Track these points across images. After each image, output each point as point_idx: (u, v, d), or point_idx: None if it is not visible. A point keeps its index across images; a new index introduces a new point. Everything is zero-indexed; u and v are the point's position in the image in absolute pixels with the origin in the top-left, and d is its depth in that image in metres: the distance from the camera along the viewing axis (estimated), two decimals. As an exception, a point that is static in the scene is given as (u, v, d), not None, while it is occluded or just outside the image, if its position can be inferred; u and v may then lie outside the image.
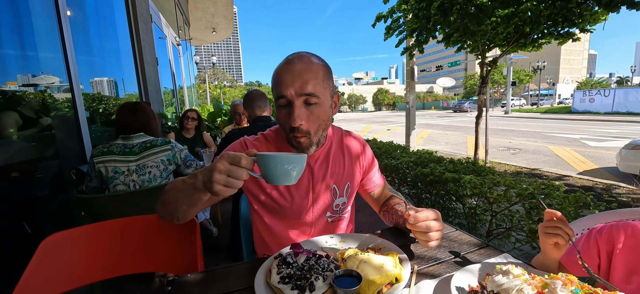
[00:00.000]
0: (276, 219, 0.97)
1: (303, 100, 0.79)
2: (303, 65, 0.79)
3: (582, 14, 5.53)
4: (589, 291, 0.46)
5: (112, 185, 1.55)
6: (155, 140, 1.65)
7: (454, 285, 0.57)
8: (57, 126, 1.97)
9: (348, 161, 1.02)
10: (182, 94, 7.13)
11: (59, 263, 0.90)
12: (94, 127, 2.57)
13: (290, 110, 0.79)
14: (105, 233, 0.99)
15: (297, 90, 0.78)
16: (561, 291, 0.47)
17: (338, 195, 0.99)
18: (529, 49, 6.81)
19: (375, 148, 4.01)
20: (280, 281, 0.59)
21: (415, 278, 0.66)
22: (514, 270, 0.51)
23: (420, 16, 6.18)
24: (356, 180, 1.04)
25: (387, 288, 0.59)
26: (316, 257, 0.64)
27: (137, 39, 3.32)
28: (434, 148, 9.16)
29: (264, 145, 0.96)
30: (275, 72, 0.82)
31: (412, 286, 0.62)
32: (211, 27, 8.92)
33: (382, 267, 0.61)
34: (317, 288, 0.57)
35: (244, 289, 0.64)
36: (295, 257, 0.64)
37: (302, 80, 0.78)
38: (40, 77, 1.93)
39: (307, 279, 0.58)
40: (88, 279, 0.93)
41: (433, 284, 0.63)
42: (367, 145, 1.10)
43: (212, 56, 24.37)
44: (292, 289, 0.56)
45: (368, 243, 0.79)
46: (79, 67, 2.13)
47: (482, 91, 6.84)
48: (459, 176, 2.41)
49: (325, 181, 0.97)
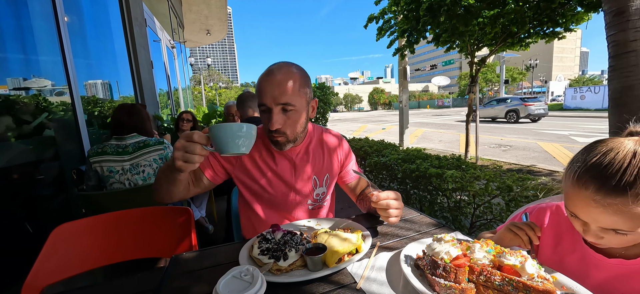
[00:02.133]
0: (262, 206, 1.09)
1: (280, 107, 0.93)
2: (281, 76, 0.92)
3: (565, 14, 5.71)
4: (500, 251, 0.58)
5: (108, 184, 1.65)
6: (148, 140, 1.73)
7: (403, 254, 0.69)
8: (58, 128, 2.07)
9: (327, 155, 1.14)
10: (177, 96, 7.20)
11: (68, 250, 1.01)
12: (91, 129, 2.66)
13: (270, 116, 0.92)
14: (108, 223, 1.10)
15: (275, 100, 0.91)
16: (479, 251, 0.59)
17: (318, 185, 1.12)
18: (517, 48, 7.00)
19: (366, 147, 4.14)
20: (260, 253, 0.71)
21: (376, 250, 0.78)
22: (446, 237, 0.63)
23: (410, 17, 6.32)
24: (334, 172, 1.16)
25: (348, 257, 0.71)
26: (291, 234, 0.76)
27: (132, 43, 3.41)
28: (427, 146, 9.33)
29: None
30: (258, 81, 0.96)
31: (372, 256, 0.75)
32: (205, 29, 8.98)
33: (346, 240, 0.73)
34: (290, 257, 0.69)
35: (231, 263, 0.76)
36: (273, 234, 0.76)
37: (280, 91, 0.91)
38: (32, 80, 1.99)
39: (282, 251, 0.70)
40: (94, 264, 1.04)
41: (390, 255, 0.75)
42: (344, 139, 1.23)
43: (207, 58, 24.36)
44: (269, 259, 0.68)
45: (340, 224, 0.92)
46: (77, 71, 2.23)
47: (471, 90, 7.01)
48: (442, 171, 2.54)
49: (306, 173, 1.09)
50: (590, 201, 0.58)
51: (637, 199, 0.54)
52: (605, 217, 0.57)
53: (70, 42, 2.17)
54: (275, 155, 1.06)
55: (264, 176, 1.05)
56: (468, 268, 0.57)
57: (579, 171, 0.60)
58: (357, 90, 79.87)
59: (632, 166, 0.55)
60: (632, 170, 0.55)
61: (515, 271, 0.53)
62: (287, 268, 0.68)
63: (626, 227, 0.56)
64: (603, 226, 0.59)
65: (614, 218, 0.56)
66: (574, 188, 0.61)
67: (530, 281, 0.50)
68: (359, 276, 0.67)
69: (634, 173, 0.54)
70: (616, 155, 0.57)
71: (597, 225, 0.60)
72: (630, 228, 0.56)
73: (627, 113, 1.62)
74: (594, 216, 0.59)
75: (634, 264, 0.64)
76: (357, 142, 4.55)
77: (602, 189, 0.56)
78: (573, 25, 5.90)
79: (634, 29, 1.56)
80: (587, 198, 0.59)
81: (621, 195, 0.55)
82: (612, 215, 0.56)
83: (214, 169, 1.05)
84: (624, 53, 1.59)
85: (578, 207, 0.61)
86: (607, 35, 1.69)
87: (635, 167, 0.55)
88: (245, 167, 1.04)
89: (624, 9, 1.56)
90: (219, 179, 1.07)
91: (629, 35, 1.57)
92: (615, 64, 1.63)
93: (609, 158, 0.58)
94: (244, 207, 1.16)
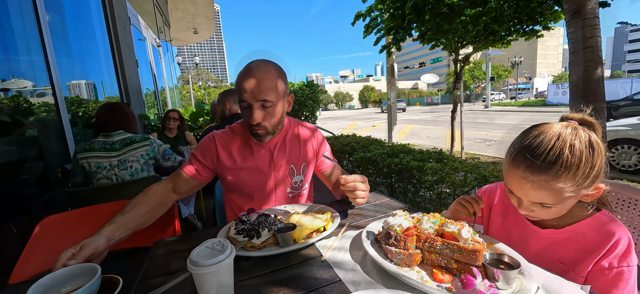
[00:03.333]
0: (244, 197, 1.15)
1: (260, 103, 1.00)
2: (260, 74, 0.99)
3: (543, 13, 5.93)
4: (443, 221, 0.67)
5: (95, 179, 1.67)
6: (134, 137, 1.77)
7: (366, 230, 0.77)
8: (42, 129, 2.07)
9: (302, 144, 1.22)
10: (165, 95, 7.13)
11: (54, 241, 1.05)
12: (76, 129, 2.65)
13: (251, 111, 0.99)
14: (94, 215, 1.14)
15: (255, 97, 0.98)
16: (426, 223, 0.67)
17: (296, 174, 1.19)
18: (499, 46, 7.23)
19: (353, 143, 4.23)
20: (236, 233, 0.77)
21: (345, 229, 0.86)
22: (400, 212, 0.72)
23: (396, 15, 6.44)
24: (310, 160, 1.24)
25: (316, 234, 0.79)
26: (265, 216, 0.83)
27: (116, 42, 3.39)
28: (415, 142, 9.52)
29: (230, 137, 1.14)
30: (238, 79, 1.02)
31: (340, 234, 0.82)
32: (192, 27, 8.89)
33: (315, 219, 0.81)
34: (263, 235, 0.76)
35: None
36: (249, 216, 0.83)
37: (259, 88, 0.98)
38: (11, 81, 1.98)
39: (255, 230, 0.76)
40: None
41: (356, 233, 0.83)
42: (317, 130, 1.31)
43: (195, 56, 24.04)
44: (244, 237, 0.75)
45: (313, 208, 0.99)
46: (60, 71, 2.22)
47: (456, 86, 7.21)
48: (423, 164, 2.65)
49: (284, 162, 1.16)
50: (521, 179, 0.67)
51: (557, 176, 0.62)
52: (534, 192, 0.66)
53: (52, 41, 2.17)
54: (254, 148, 1.13)
55: (244, 168, 1.12)
56: (415, 237, 0.65)
57: (513, 153, 0.69)
58: (347, 88, 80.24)
59: (555, 147, 0.63)
60: (555, 151, 0.62)
61: (454, 236, 0.61)
62: (260, 245, 0.75)
63: (550, 201, 0.65)
64: (532, 200, 0.68)
65: (540, 193, 0.65)
66: (509, 168, 0.70)
67: (464, 243, 0.59)
68: (326, 250, 0.74)
69: (556, 153, 0.62)
70: (544, 137, 0.65)
71: (528, 199, 0.68)
72: (554, 201, 0.65)
73: (585, 104, 1.75)
74: (525, 191, 0.68)
75: (562, 233, 0.74)
76: (345, 138, 4.64)
77: (530, 168, 0.64)
78: (551, 23, 6.15)
79: (590, 26, 1.69)
80: (519, 176, 0.67)
81: (545, 173, 0.63)
82: (538, 191, 0.65)
83: (198, 171, 1.10)
84: (582, 49, 1.72)
85: (513, 184, 0.70)
86: (567, 32, 1.81)
87: (557, 148, 0.62)
88: (226, 164, 1.11)
89: (580, 8, 1.68)
90: (206, 178, 1.12)
91: (586, 32, 1.70)
92: (574, 59, 1.76)
93: (538, 141, 0.65)
94: (228, 199, 1.23)
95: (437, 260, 0.62)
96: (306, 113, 8.61)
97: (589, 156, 0.61)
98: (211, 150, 1.10)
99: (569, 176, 0.61)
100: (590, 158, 0.61)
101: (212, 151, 1.10)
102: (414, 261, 0.62)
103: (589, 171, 0.61)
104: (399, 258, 0.62)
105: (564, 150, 0.61)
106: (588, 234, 0.70)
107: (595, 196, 0.67)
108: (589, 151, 0.61)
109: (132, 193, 1.62)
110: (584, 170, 0.61)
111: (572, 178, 0.61)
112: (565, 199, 0.64)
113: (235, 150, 1.12)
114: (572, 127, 0.65)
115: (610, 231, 0.67)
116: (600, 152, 0.63)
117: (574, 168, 0.61)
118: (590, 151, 0.61)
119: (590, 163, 0.61)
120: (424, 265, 0.64)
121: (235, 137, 1.14)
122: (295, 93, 8.42)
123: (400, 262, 0.62)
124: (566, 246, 0.73)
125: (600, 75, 1.65)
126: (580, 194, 0.64)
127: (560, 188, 0.62)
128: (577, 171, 0.61)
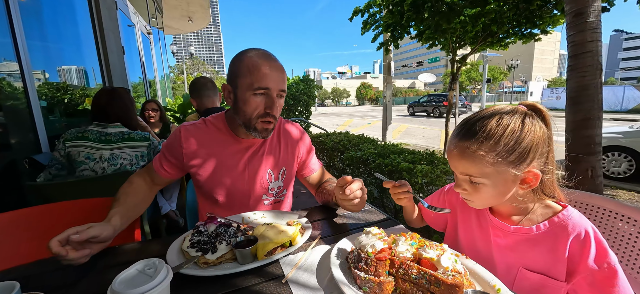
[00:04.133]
0: (212, 199, 1.04)
1: (280, 93, 0.95)
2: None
3: (542, 16, 5.88)
4: (422, 243, 0.58)
5: (79, 169, 1.54)
6: (133, 134, 1.64)
7: (337, 247, 0.68)
8: (8, 115, 1.92)
9: (284, 148, 1.10)
10: (155, 85, 6.93)
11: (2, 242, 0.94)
12: (52, 117, 2.51)
13: (269, 101, 0.92)
14: (41, 215, 1.03)
15: (280, 86, 0.93)
16: (402, 244, 0.59)
17: (273, 179, 1.08)
18: (497, 48, 7.18)
19: (345, 141, 4.14)
20: (190, 246, 0.68)
21: (315, 243, 0.77)
22: (374, 230, 0.63)
23: (394, 12, 6.33)
24: (292, 167, 1.13)
25: (281, 250, 0.69)
26: (226, 226, 0.73)
27: (100, 27, 3.22)
28: (409, 141, 9.48)
29: (202, 131, 1.02)
30: (254, 62, 0.90)
31: (308, 249, 0.73)
32: (187, 15, 8.66)
33: (281, 233, 0.71)
34: (219, 250, 0.66)
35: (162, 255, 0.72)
36: (206, 226, 0.73)
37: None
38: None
39: (211, 244, 0.67)
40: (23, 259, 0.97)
41: (326, 249, 0.74)
42: (305, 133, 1.20)
43: (190, 46, 23.55)
44: (197, 252, 0.65)
45: (284, 217, 0.90)
46: (31, 55, 2.08)
47: (452, 87, 7.15)
48: (413, 166, 2.57)
49: (261, 167, 1.05)
50: (452, 147, 0.66)
51: (479, 143, 0.61)
52: (459, 162, 0.65)
53: (22, 22, 2.02)
54: (229, 146, 1.02)
55: (214, 168, 1.01)
56: (389, 262, 0.56)
57: (455, 129, 0.68)
58: (345, 84, 79.93)
59: (485, 118, 0.62)
60: (483, 121, 0.62)
61: (432, 263, 0.52)
62: (215, 261, 0.65)
63: (474, 171, 0.62)
64: (459, 171, 0.66)
65: (464, 162, 0.63)
66: (449, 145, 0.68)
67: (443, 274, 0.50)
68: (290, 269, 0.65)
69: (483, 123, 0.62)
70: (483, 113, 0.65)
71: (456, 170, 0.67)
72: (478, 172, 0.62)
73: (581, 112, 1.68)
74: (454, 162, 0.66)
75: (528, 233, 0.66)
76: (337, 136, 4.54)
77: (459, 135, 0.65)
78: (550, 27, 6.12)
79: (591, 30, 1.61)
80: (451, 145, 0.67)
81: (468, 139, 0.62)
82: (462, 158, 0.64)
83: (164, 167, 1.01)
84: (582, 53, 1.64)
85: (449, 159, 0.68)
86: (567, 35, 1.74)
87: (486, 119, 0.62)
88: (192, 161, 1.00)
89: (583, 10, 1.60)
90: (173, 175, 1.03)
91: (587, 36, 1.62)
92: (573, 64, 1.69)
93: (477, 116, 0.65)
94: (201, 201, 1.12)
95: (411, 291, 0.53)
96: (300, 109, 8.48)
97: (517, 131, 0.60)
98: (175, 145, 0.99)
99: (490, 145, 0.60)
100: (517, 133, 0.60)
101: (176, 146, 0.99)
102: (385, 291, 0.53)
103: (513, 145, 0.60)
104: (368, 286, 0.54)
105: (491, 121, 0.62)
106: (554, 233, 0.63)
107: (532, 182, 0.63)
108: (518, 126, 0.60)
109: (101, 191, 1.51)
110: (507, 142, 0.60)
111: (493, 148, 0.60)
112: (489, 174, 0.61)
113: (206, 146, 1.00)
114: (518, 110, 0.64)
115: (576, 226, 0.62)
116: (534, 133, 0.61)
117: (495, 138, 0.60)
118: (520, 127, 0.60)
119: (516, 138, 0.60)
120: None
121: (208, 132, 1.02)
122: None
123: (369, 290, 0.54)
124: (535, 250, 0.65)
125: (599, 81, 1.58)
126: (510, 173, 0.61)
127: (482, 156, 0.60)
128: (498, 141, 0.60)
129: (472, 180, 0.64)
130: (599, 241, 0.60)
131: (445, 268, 0.51)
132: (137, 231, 0.99)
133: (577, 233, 0.61)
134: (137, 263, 0.49)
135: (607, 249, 0.59)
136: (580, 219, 0.63)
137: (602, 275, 0.58)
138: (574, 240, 0.61)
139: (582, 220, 0.63)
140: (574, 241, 0.61)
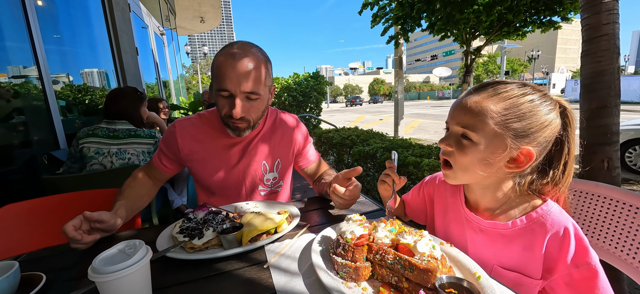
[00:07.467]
0: (214, 193, 1.07)
1: (245, 95, 0.87)
2: (247, 61, 0.85)
3: (562, 2, 5.56)
4: (402, 229, 0.57)
5: (89, 164, 1.63)
6: (139, 131, 1.72)
7: (320, 235, 0.68)
8: (29, 115, 2.05)
9: (279, 140, 1.10)
10: (169, 86, 7.14)
11: (13, 230, 1.01)
12: (70, 116, 2.65)
13: (232, 102, 0.86)
14: (57, 205, 1.09)
15: (240, 88, 0.85)
16: (382, 231, 0.58)
17: (268, 171, 1.09)
18: (513, 38, 6.87)
19: (353, 136, 4.11)
20: (179, 231, 0.70)
21: (303, 231, 0.77)
22: (354, 217, 0.62)
23: (404, 4, 6.16)
24: (288, 158, 1.13)
25: (266, 236, 0.70)
26: (214, 214, 0.75)
27: (114, 29, 3.34)
28: (423, 137, 9.28)
29: (196, 126, 1.05)
30: (219, 62, 0.86)
31: (295, 237, 0.74)
32: (199, 16, 8.83)
33: (267, 220, 0.72)
34: (206, 235, 0.68)
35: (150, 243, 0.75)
36: (196, 214, 0.75)
37: (246, 79, 0.84)
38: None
39: (199, 230, 0.69)
40: (40, 244, 1.04)
41: (311, 237, 0.74)
42: (301, 123, 1.19)
43: (203, 46, 24.05)
44: (185, 237, 0.68)
45: (277, 208, 0.90)
46: (49, 58, 2.19)
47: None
48: (420, 160, 2.53)
49: (256, 158, 1.06)
50: (460, 101, 0.64)
51: (488, 96, 0.59)
52: (461, 114, 0.62)
53: (39, 27, 2.13)
54: (223, 139, 1.04)
55: (210, 161, 1.03)
56: (366, 247, 0.56)
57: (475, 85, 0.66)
58: (357, 80, 79.18)
59: (511, 83, 0.61)
60: (509, 84, 0.61)
61: (409, 249, 0.51)
62: (202, 246, 0.67)
63: (473, 123, 0.60)
64: (457, 123, 0.63)
65: (467, 116, 0.61)
66: (459, 98, 0.66)
67: (419, 260, 0.49)
68: (273, 255, 0.66)
69: (508, 86, 0.60)
70: (511, 80, 0.64)
71: (454, 123, 0.64)
72: (476, 126, 0.59)
73: (597, 99, 1.59)
74: (456, 115, 0.64)
75: (504, 228, 0.63)
76: (346, 131, 4.52)
77: (475, 88, 0.63)
78: (571, 14, 5.78)
79: (607, 11, 1.51)
80: (462, 98, 0.64)
81: (479, 93, 0.61)
82: (466, 112, 0.61)
83: (162, 162, 1.04)
84: (597, 37, 1.55)
85: (451, 111, 0.66)
86: (581, 18, 1.64)
87: (512, 84, 0.61)
88: (188, 155, 1.02)
89: (597, -9, 1.51)
90: (171, 170, 1.06)
91: (602, 18, 1.53)
92: (588, 48, 1.59)
93: (504, 80, 0.63)
94: (199, 192, 1.15)
95: (387, 276, 0.52)
96: (311, 105, 8.49)
97: (527, 104, 0.58)
98: (171, 140, 1.02)
99: (503, 106, 0.58)
100: (527, 105, 0.58)
101: (172, 141, 1.02)
102: (362, 276, 0.53)
103: (520, 115, 0.57)
104: (345, 271, 0.53)
105: (507, 85, 0.61)
106: (531, 229, 0.60)
107: (521, 163, 0.59)
108: (529, 102, 0.58)
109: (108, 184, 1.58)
110: (513, 109, 0.58)
111: (506, 108, 0.58)
112: (486, 134, 0.59)
113: (201, 140, 1.03)
114: (547, 93, 0.61)
115: (555, 222, 0.58)
116: (540, 114, 0.58)
117: (512, 100, 0.58)
118: (530, 104, 0.58)
119: (526, 110, 0.58)
120: (374, 280, 0.55)
121: (202, 126, 1.05)
122: (300, 84, 8.29)
123: (346, 275, 0.53)
124: (510, 247, 0.63)
125: (616, 67, 1.48)
126: (505, 142, 0.58)
127: (489, 110, 0.58)
128: (505, 102, 0.59)
129: (464, 133, 0.61)
130: (579, 239, 0.56)
131: (422, 254, 0.50)
132: (138, 220, 1.03)
133: (555, 230, 0.57)
134: (118, 243, 0.51)
135: (588, 248, 0.56)
136: (560, 215, 0.59)
137: (581, 276, 0.55)
138: (552, 238, 0.57)
139: (562, 216, 0.59)
140: (552, 238, 0.57)
